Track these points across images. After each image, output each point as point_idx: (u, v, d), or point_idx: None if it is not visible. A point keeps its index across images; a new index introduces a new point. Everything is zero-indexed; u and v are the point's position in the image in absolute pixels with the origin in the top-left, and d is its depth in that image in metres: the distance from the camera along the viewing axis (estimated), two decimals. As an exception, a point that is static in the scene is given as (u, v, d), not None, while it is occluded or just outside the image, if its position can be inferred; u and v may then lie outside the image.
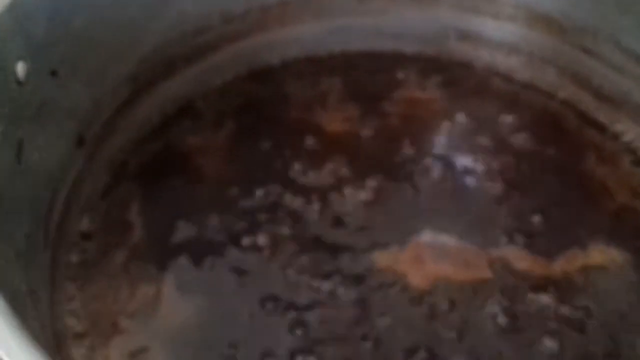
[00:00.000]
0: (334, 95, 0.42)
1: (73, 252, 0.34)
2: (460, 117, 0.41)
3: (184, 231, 0.36)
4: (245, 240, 0.36)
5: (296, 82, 0.43)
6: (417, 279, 0.35)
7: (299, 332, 0.33)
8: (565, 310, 0.34)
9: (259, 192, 0.37)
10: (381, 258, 0.35)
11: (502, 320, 0.33)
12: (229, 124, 0.41)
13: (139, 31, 0.37)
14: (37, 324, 0.27)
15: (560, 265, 0.35)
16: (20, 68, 0.30)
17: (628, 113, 0.41)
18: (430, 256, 0.35)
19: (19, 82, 0.30)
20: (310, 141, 0.40)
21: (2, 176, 0.29)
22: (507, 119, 0.42)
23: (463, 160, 0.40)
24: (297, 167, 0.39)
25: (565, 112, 0.42)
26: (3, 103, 0.29)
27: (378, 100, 0.42)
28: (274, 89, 0.42)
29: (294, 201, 0.37)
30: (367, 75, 0.44)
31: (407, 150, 0.40)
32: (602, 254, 0.36)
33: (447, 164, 0.39)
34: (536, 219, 0.37)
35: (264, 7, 0.42)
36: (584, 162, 0.40)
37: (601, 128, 0.41)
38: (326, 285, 0.34)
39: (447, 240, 0.36)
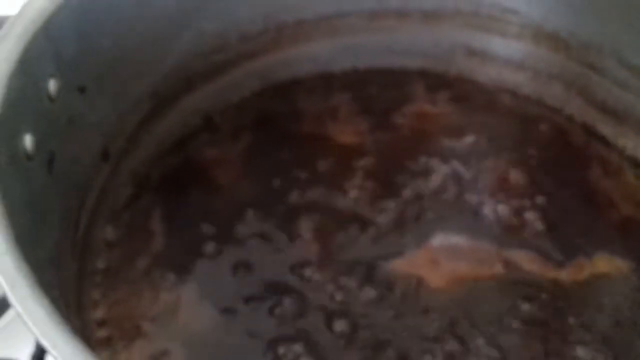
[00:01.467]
0: (345, 110, 0.43)
1: (98, 259, 0.35)
2: (468, 131, 0.42)
3: (202, 239, 0.37)
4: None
5: (309, 97, 0.43)
6: (435, 279, 0.35)
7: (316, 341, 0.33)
8: (572, 316, 0.34)
9: (274, 203, 0.38)
10: (398, 265, 0.36)
11: (517, 318, 0.34)
12: (245, 137, 0.41)
13: (161, 50, 0.38)
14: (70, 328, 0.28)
15: (567, 274, 0.36)
16: (52, 85, 0.31)
17: (632, 127, 0.41)
18: (444, 258, 0.36)
19: (50, 98, 0.31)
20: (322, 154, 0.41)
21: (35, 185, 0.29)
22: (514, 133, 0.42)
23: (470, 173, 0.40)
24: (309, 178, 0.39)
25: (571, 126, 0.43)
26: (37, 117, 0.30)
27: (387, 114, 0.43)
28: (288, 104, 0.43)
29: (307, 212, 0.38)
30: (377, 90, 0.44)
31: (416, 161, 0.40)
32: (607, 263, 0.36)
33: (455, 175, 0.40)
34: (542, 230, 0.37)
35: (279, 27, 0.43)
36: (590, 175, 0.40)
37: (606, 142, 0.42)
38: (345, 293, 0.35)
39: (459, 241, 0.37)
